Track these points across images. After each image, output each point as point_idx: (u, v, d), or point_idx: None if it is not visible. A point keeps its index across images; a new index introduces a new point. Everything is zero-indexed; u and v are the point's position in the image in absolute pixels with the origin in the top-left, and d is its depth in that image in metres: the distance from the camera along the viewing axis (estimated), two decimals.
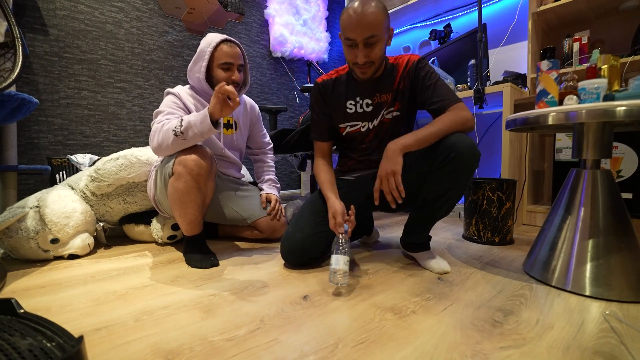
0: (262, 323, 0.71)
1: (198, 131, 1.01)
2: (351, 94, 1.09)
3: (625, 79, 1.48)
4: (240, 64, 1.25)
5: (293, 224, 1.10)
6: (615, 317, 0.73)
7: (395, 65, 1.07)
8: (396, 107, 1.08)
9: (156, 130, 1.09)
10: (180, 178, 1.05)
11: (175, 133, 1.02)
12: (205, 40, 1.23)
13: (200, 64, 1.22)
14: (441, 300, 0.82)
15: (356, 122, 1.11)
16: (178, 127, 1.02)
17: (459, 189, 0.96)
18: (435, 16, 2.61)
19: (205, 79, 1.24)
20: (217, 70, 1.23)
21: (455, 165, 0.91)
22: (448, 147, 0.91)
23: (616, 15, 1.79)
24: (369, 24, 0.91)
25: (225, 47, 1.21)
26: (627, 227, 0.88)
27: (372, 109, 1.09)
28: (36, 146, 1.77)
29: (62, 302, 0.82)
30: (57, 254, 1.17)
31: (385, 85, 1.07)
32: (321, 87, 1.12)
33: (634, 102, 0.76)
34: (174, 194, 1.07)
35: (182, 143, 1.04)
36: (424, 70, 1.03)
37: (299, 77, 2.98)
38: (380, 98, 1.08)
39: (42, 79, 1.77)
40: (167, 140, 1.05)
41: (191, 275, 1.02)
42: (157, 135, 1.07)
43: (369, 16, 0.90)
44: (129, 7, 2.04)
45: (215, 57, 1.22)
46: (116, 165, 1.27)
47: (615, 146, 1.48)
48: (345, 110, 1.11)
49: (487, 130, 2.26)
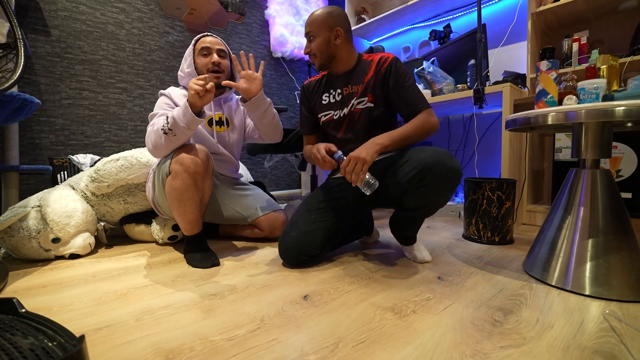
0: (263, 323, 0.71)
1: (184, 124, 1.04)
2: (327, 88, 1.21)
3: (624, 79, 1.48)
4: (219, 48, 1.31)
5: (289, 223, 1.12)
6: (615, 316, 0.73)
7: (368, 61, 1.15)
8: (369, 99, 1.12)
9: (149, 133, 1.12)
10: (177, 176, 1.06)
11: (164, 131, 1.05)
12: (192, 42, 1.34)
13: (189, 59, 1.31)
14: (441, 299, 0.82)
15: (329, 111, 1.20)
16: (165, 125, 1.05)
17: (438, 203, 1.03)
18: (434, 17, 2.61)
19: (196, 73, 1.30)
20: (198, 58, 1.30)
21: (432, 189, 0.96)
22: (423, 168, 0.93)
23: (615, 16, 1.79)
24: (308, 23, 1.12)
25: (204, 38, 1.32)
26: (627, 226, 0.88)
27: (341, 98, 1.17)
28: (38, 146, 1.78)
29: (64, 302, 0.83)
30: (58, 253, 1.18)
31: (357, 77, 1.15)
32: (305, 87, 1.28)
33: (633, 102, 0.76)
34: (172, 192, 1.08)
35: (173, 140, 1.06)
36: (398, 72, 1.08)
37: (299, 77, 2.98)
38: (350, 89, 1.15)
39: (43, 79, 1.78)
40: (159, 140, 1.07)
41: (192, 275, 1.02)
42: (150, 138, 1.10)
43: (309, 18, 1.12)
44: (130, 7, 2.05)
45: (196, 49, 1.31)
46: (116, 166, 1.28)
47: (614, 146, 1.48)
48: (321, 102, 1.22)
49: (487, 130, 2.26)
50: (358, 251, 1.28)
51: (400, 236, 1.19)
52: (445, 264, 1.11)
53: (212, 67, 1.28)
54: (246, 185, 1.50)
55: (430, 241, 1.42)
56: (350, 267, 1.08)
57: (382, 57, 1.12)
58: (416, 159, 0.96)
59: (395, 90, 1.09)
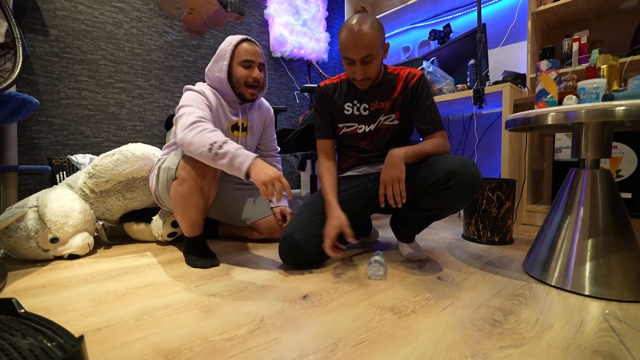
0: (262, 323, 0.71)
1: (228, 164, 0.94)
2: (350, 98, 1.15)
3: (624, 78, 1.48)
4: (260, 62, 1.24)
5: (292, 224, 1.10)
6: (615, 316, 0.73)
7: (395, 75, 1.12)
8: (396, 117, 1.13)
9: (192, 127, 1.00)
10: (183, 183, 1.04)
11: (210, 149, 0.95)
12: (226, 40, 1.22)
13: (221, 63, 1.21)
14: (441, 299, 0.82)
15: (353, 123, 1.16)
16: (217, 147, 0.94)
17: (454, 209, 1.04)
18: (434, 16, 2.61)
19: (227, 78, 1.22)
20: (238, 67, 1.21)
21: (454, 193, 0.97)
22: (450, 172, 0.95)
23: (615, 15, 1.79)
24: (365, 45, 0.96)
25: (246, 45, 1.21)
26: (627, 226, 0.88)
27: (368, 114, 1.14)
28: (36, 146, 1.77)
29: (63, 302, 0.83)
30: (57, 253, 1.17)
31: (384, 93, 1.12)
32: (323, 89, 1.18)
33: (633, 102, 0.76)
34: (177, 197, 1.07)
35: (208, 159, 0.96)
36: (424, 90, 1.10)
37: (298, 77, 2.98)
38: (378, 105, 1.13)
39: (42, 79, 1.78)
40: (198, 148, 0.97)
41: (191, 275, 1.02)
42: (191, 135, 0.98)
43: (364, 37, 0.95)
44: (129, 7, 2.04)
45: (235, 55, 1.20)
46: (112, 160, 1.27)
47: (614, 146, 1.48)
48: (343, 111, 1.16)
49: (487, 130, 2.26)
50: (358, 251, 1.28)
51: (402, 233, 1.19)
52: (444, 264, 1.11)
53: (251, 83, 1.22)
54: (249, 185, 1.49)
55: (430, 241, 1.42)
56: (350, 268, 1.08)
57: (410, 74, 1.10)
58: (440, 163, 0.98)
59: (418, 108, 1.10)
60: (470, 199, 0.99)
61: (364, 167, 1.20)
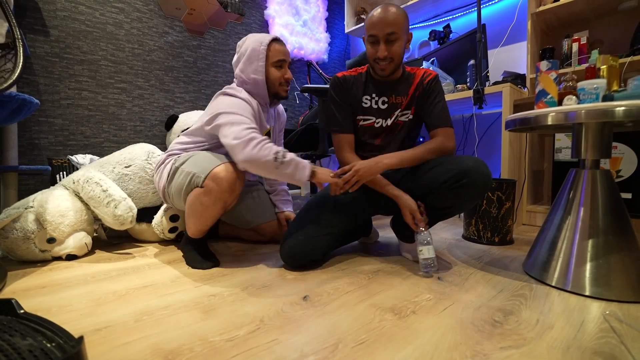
0: (262, 323, 0.71)
1: (292, 171, 0.99)
2: (368, 91, 1.15)
3: (624, 79, 1.48)
4: (290, 61, 1.24)
5: (295, 225, 1.09)
6: (616, 317, 0.73)
7: (412, 74, 1.15)
8: (412, 112, 1.14)
9: (251, 139, 0.99)
10: (209, 194, 1.01)
11: (276, 158, 0.97)
12: (254, 40, 1.18)
13: (256, 63, 1.17)
14: (441, 300, 0.82)
15: (370, 116, 1.16)
16: (281, 156, 0.98)
17: (462, 208, 1.04)
18: (434, 17, 2.61)
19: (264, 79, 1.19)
20: (272, 68, 1.19)
21: (466, 191, 0.97)
22: (462, 171, 0.96)
23: (615, 16, 1.79)
24: (390, 22, 1.00)
25: (277, 45, 1.19)
26: (627, 227, 0.88)
27: (386, 107, 1.15)
28: (37, 146, 1.77)
29: (62, 303, 0.83)
30: (55, 254, 1.17)
31: (402, 88, 1.13)
32: (341, 80, 1.16)
33: (633, 102, 0.76)
34: (197, 205, 1.04)
35: (271, 168, 0.98)
36: (437, 88, 1.13)
37: (298, 77, 2.98)
38: (395, 99, 1.14)
39: (42, 79, 1.78)
40: (262, 158, 0.97)
41: (191, 276, 1.02)
42: (254, 148, 0.98)
43: (390, 15, 1.01)
44: (129, 8, 2.04)
45: (269, 56, 1.18)
46: (100, 191, 1.24)
47: (614, 146, 1.48)
48: (361, 104, 1.16)
49: (487, 130, 2.26)
50: (357, 252, 1.28)
51: (403, 233, 1.18)
52: (445, 265, 1.10)
53: (284, 83, 1.22)
54: (255, 186, 1.48)
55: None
56: (350, 268, 1.08)
57: (426, 72, 1.14)
58: (452, 163, 0.99)
59: (429, 104, 1.12)
60: (480, 198, 0.99)
61: None
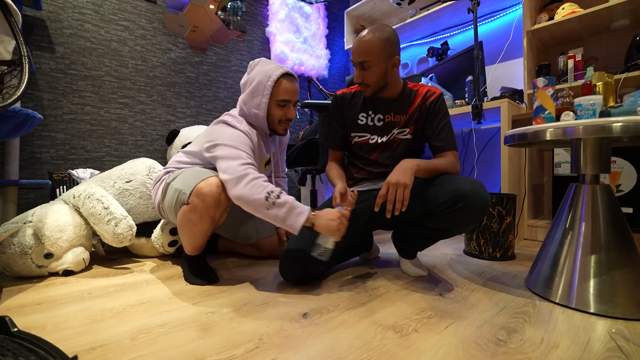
0: (261, 342, 0.70)
1: (285, 214, 0.92)
2: (365, 108, 1.16)
3: (620, 95, 1.50)
4: (297, 100, 1.19)
5: (295, 240, 1.08)
6: (622, 335, 0.71)
7: (414, 91, 1.14)
8: (410, 131, 1.13)
9: (245, 175, 0.96)
10: (195, 211, 1.01)
11: (267, 197, 0.92)
12: (262, 70, 1.13)
13: (259, 99, 1.12)
14: (443, 318, 0.81)
15: (365, 133, 1.17)
16: (274, 196, 0.93)
17: (460, 231, 1.03)
18: (432, 34, 2.67)
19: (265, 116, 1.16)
20: (275, 106, 1.14)
21: (462, 215, 0.95)
22: (459, 195, 0.93)
23: (608, 34, 1.83)
24: (362, 51, 1.03)
25: (286, 83, 1.13)
26: (629, 242, 0.87)
27: (382, 125, 1.14)
28: (38, 161, 1.78)
29: (58, 320, 0.81)
30: (52, 269, 1.16)
31: (401, 107, 1.13)
32: (340, 98, 1.20)
33: (630, 118, 0.77)
34: (185, 223, 1.04)
35: (261, 207, 0.93)
36: (442, 109, 1.11)
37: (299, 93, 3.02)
38: (393, 117, 1.13)
39: (46, 94, 1.80)
40: (253, 194, 0.94)
41: (189, 292, 1.00)
42: (244, 184, 0.95)
43: (364, 44, 1.02)
44: (134, 25, 2.09)
45: (274, 94, 1.13)
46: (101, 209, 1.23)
47: (613, 160, 1.49)
48: (357, 121, 1.17)
49: (486, 145, 2.28)
50: (358, 267, 1.27)
51: (404, 249, 1.18)
52: (446, 281, 1.09)
53: (285, 122, 1.17)
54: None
55: (431, 257, 1.41)
56: (351, 284, 1.07)
57: (429, 91, 1.12)
58: (449, 184, 0.97)
59: (434, 125, 1.10)
60: (478, 221, 0.97)
61: (369, 183, 1.18)
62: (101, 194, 1.27)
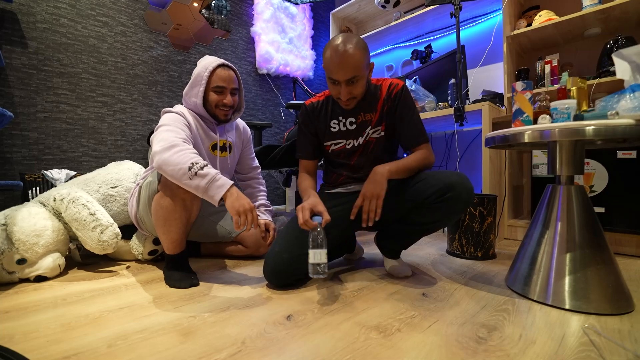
0: (244, 345, 0.68)
1: (206, 185, 0.93)
2: (335, 114, 1.15)
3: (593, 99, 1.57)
4: (233, 87, 1.24)
5: (278, 242, 1.07)
6: (594, 330, 0.74)
7: (378, 86, 1.12)
8: (382, 128, 1.12)
9: (173, 146, 0.98)
10: (166, 195, 1.02)
11: (191, 167, 0.93)
12: (202, 64, 1.21)
13: (197, 88, 1.21)
14: (426, 317, 0.82)
15: (340, 140, 1.16)
16: (198, 167, 0.93)
17: (446, 222, 1.04)
18: (416, 37, 2.71)
19: (202, 103, 1.22)
20: (211, 93, 1.21)
21: (450, 205, 0.98)
22: (447, 185, 0.96)
23: (582, 41, 1.91)
24: (351, 67, 0.95)
25: (220, 71, 1.20)
26: (601, 240, 0.91)
27: (355, 127, 1.13)
28: (8, 161, 1.70)
29: (28, 329, 0.77)
30: (23, 275, 1.10)
31: (369, 104, 1.11)
32: (309, 109, 1.18)
33: (601, 122, 0.80)
34: (159, 210, 1.04)
35: (184, 177, 0.93)
36: (407, 101, 1.10)
37: (284, 93, 3.01)
38: (364, 117, 1.12)
39: (18, 91, 1.72)
40: (177, 165, 0.94)
41: (170, 296, 0.97)
42: (170, 153, 0.97)
43: (350, 58, 0.95)
44: (113, 22, 2.03)
45: (210, 82, 1.21)
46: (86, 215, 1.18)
47: (587, 162, 1.55)
48: (329, 129, 1.16)
49: (468, 147, 2.33)
50: (342, 268, 1.27)
51: (388, 249, 1.18)
52: (429, 280, 1.11)
53: (222, 107, 1.22)
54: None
55: (415, 257, 1.43)
56: (335, 285, 1.07)
57: (392, 84, 1.10)
58: (436, 177, 0.99)
59: (402, 119, 1.09)
60: (463, 211, 1.00)
61: (352, 185, 1.19)
62: (87, 199, 1.22)
